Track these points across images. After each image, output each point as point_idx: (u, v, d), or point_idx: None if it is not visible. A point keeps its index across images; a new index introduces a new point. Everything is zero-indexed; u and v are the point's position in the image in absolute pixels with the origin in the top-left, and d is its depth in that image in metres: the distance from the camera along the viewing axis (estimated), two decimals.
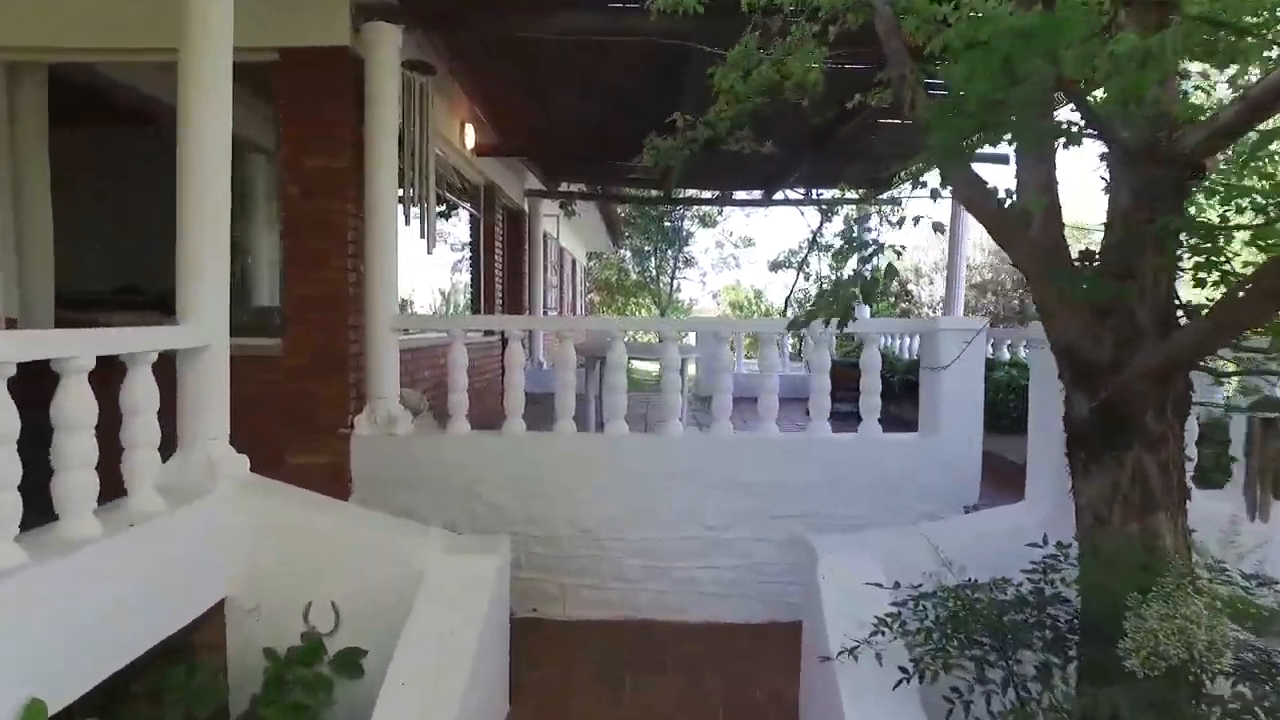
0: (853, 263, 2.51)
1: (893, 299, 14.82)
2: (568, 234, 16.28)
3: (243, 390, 4.51)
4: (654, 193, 11.05)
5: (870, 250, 2.53)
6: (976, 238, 31.27)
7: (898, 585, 2.63)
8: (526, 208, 10.98)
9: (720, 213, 19.96)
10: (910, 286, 23.04)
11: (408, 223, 4.88)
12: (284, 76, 4.33)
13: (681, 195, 13.81)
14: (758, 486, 4.32)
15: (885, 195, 10.27)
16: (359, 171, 4.40)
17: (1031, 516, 3.15)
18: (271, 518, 3.07)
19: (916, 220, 2.46)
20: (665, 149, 3.14)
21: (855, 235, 2.56)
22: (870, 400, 4.40)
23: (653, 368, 15.37)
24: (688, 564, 4.34)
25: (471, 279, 8.84)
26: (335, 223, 4.36)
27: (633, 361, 7.86)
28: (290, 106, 4.35)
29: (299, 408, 4.35)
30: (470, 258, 8.84)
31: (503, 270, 9.51)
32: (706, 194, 12.45)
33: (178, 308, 3.01)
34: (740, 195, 11.53)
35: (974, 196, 2.55)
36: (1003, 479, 4.61)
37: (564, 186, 11.41)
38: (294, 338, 4.38)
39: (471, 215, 8.66)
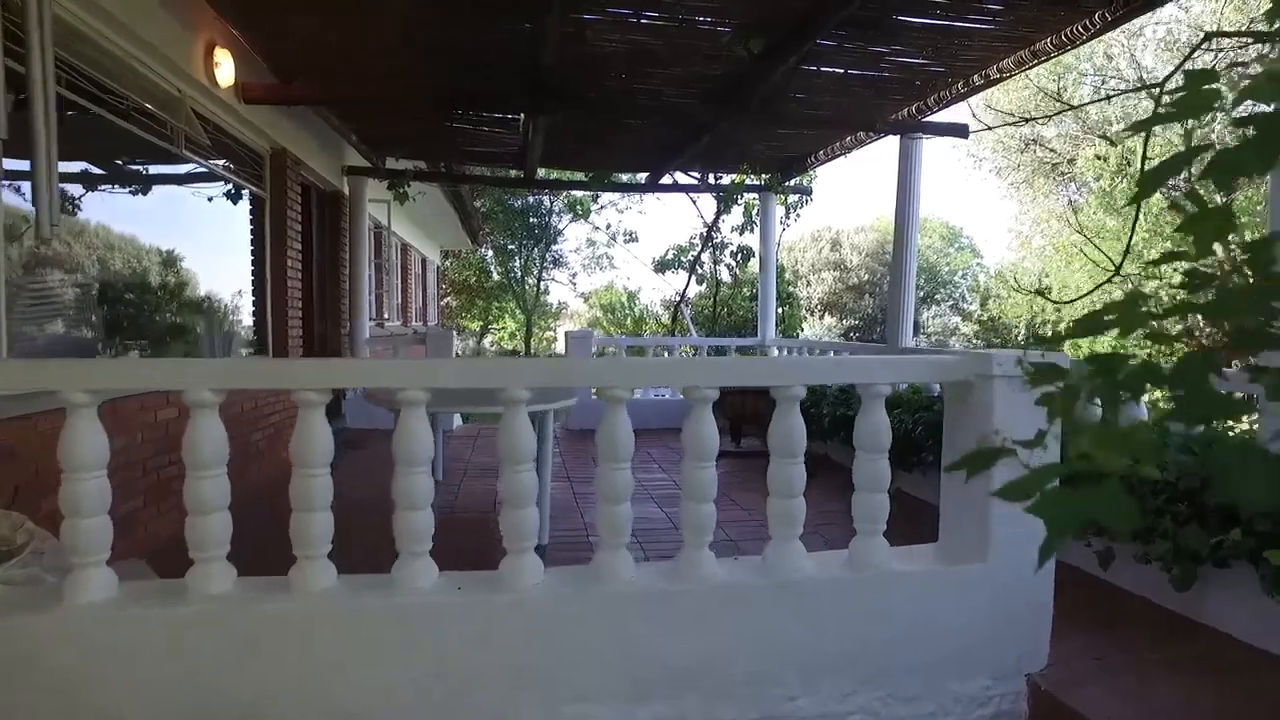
0: None
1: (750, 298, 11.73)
2: (413, 228, 13.76)
3: None
4: (513, 173, 8.87)
5: None
6: (857, 241, 31.22)
7: None
8: (347, 190, 8.52)
9: (596, 199, 17.76)
10: (790, 289, 22.14)
11: None
12: None
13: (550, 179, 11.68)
14: (682, 671, 2.35)
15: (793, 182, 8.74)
16: None
17: None
18: None
19: None
20: None
21: None
22: (873, 502, 2.53)
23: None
24: None
25: (253, 284, 6.31)
26: None
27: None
28: None
29: None
30: (253, 253, 6.32)
31: (304, 271, 7.03)
32: (578, 176, 10.30)
33: None
34: (622, 179, 9.54)
35: None
36: None
37: (397, 166, 9.01)
38: None
39: (253, 194, 6.17)
